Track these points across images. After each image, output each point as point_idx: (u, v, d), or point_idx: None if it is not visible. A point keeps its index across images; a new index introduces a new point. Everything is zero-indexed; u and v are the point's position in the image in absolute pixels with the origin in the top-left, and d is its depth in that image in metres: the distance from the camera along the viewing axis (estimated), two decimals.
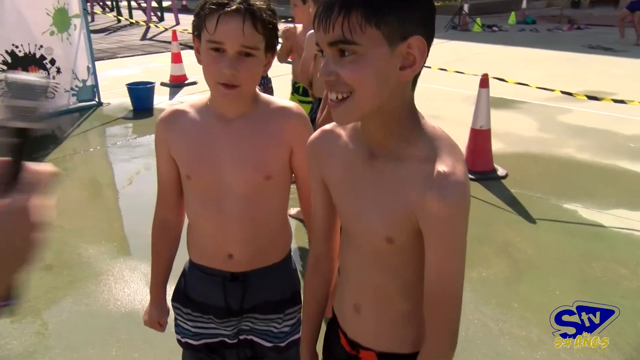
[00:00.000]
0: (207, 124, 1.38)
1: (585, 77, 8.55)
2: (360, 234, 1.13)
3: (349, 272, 1.21)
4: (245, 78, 1.27)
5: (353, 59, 0.93)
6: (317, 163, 1.19)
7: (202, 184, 1.41)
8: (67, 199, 4.31)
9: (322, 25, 0.93)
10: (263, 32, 1.25)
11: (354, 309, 1.19)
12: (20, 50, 6.25)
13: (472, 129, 4.66)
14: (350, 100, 0.96)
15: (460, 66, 8.17)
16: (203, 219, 1.45)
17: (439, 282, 1.01)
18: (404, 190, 1.01)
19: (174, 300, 1.57)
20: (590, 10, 19.01)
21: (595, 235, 3.62)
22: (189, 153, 1.39)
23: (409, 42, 0.93)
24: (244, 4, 1.22)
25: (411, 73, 0.96)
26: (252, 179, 1.38)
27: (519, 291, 3.01)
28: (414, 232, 1.03)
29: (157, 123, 1.44)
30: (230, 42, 1.23)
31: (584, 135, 5.72)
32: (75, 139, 5.91)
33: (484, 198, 4.18)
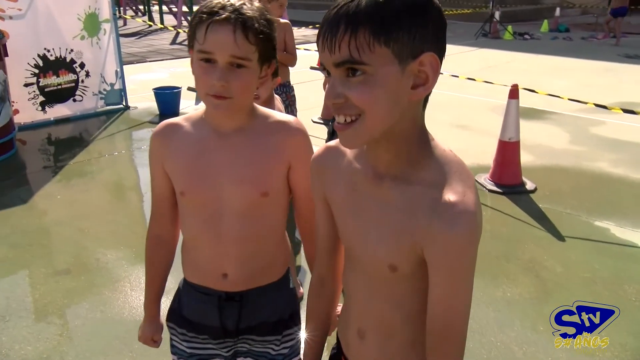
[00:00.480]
0: (202, 138, 1.32)
1: (622, 87, 8.28)
2: (363, 258, 1.08)
3: (353, 296, 1.16)
4: (237, 90, 1.21)
5: (362, 79, 0.87)
6: (320, 181, 1.14)
7: (196, 201, 1.35)
8: (90, 202, 4.34)
9: (327, 45, 0.87)
10: (255, 42, 1.20)
11: (358, 334, 1.15)
12: (52, 54, 6.37)
13: (500, 141, 4.52)
14: (359, 122, 0.90)
15: (490, 74, 8.01)
16: (198, 236, 1.39)
17: (445, 317, 0.96)
18: (410, 216, 0.95)
19: (169, 320, 1.52)
20: (628, 18, 18.48)
21: (628, 255, 3.45)
22: (183, 169, 1.34)
23: (421, 59, 0.87)
24: (235, 13, 1.17)
25: (424, 92, 0.90)
26: (248, 195, 1.32)
27: (545, 313, 2.86)
28: (419, 261, 0.97)
29: (152, 137, 1.40)
30: (220, 52, 1.18)
31: (619, 148, 5.51)
32: (102, 142, 5.97)
33: (511, 213, 4.04)
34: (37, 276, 3.24)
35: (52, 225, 3.95)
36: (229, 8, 1.17)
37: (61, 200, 4.39)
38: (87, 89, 6.78)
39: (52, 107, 6.50)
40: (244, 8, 1.19)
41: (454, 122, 6.23)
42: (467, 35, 14.16)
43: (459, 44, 12.61)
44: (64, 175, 4.94)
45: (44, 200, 4.37)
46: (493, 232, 3.79)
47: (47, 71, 6.38)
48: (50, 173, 4.99)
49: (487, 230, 3.79)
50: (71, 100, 6.67)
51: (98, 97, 6.92)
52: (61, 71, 6.51)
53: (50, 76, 6.42)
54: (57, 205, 4.28)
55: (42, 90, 6.38)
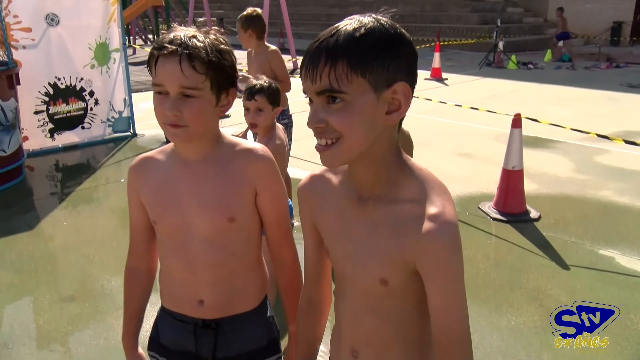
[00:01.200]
0: (170, 168, 1.38)
1: (625, 116, 8.32)
2: (354, 278, 1.13)
3: (344, 318, 1.20)
4: (190, 118, 1.25)
5: (341, 106, 0.96)
6: (308, 208, 1.20)
7: (167, 229, 1.40)
8: (95, 229, 4.37)
9: (309, 75, 0.96)
10: (204, 71, 1.23)
11: (352, 354, 1.18)
12: (62, 82, 6.51)
13: (504, 169, 4.54)
14: (338, 145, 0.98)
15: (494, 103, 8.09)
16: (171, 264, 1.43)
17: (448, 323, 1.01)
18: (398, 232, 1.02)
19: (149, 349, 1.53)
20: (630, 48, 18.67)
21: (634, 284, 3.42)
22: (154, 198, 1.39)
23: (394, 88, 0.96)
24: (181, 46, 1.22)
25: (397, 117, 0.99)
26: (214, 221, 1.35)
27: (550, 342, 2.84)
28: (409, 274, 1.03)
29: (128, 171, 1.45)
30: (169, 83, 1.23)
31: (623, 177, 5.51)
32: (109, 168, 6.04)
33: (515, 241, 4.04)
34: (41, 302, 3.26)
35: (58, 251, 3.98)
36: (177, 42, 1.23)
37: (67, 227, 4.42)
38: (96, 116, 6.90)
39: (60, 134, 6.61)
40: (192, 40, 1.23)
41: (457, 150, 6.27)
42: (472, 65, 14.32)
43: (464, 73, 12.77)
44: (71, 201, 4.99)
45: (51, 226, 4.41)
46: (497, 260, 3.78)
47: (57, 99, 6.50)
48: (58, 199, 5.04)
49: (491, 259, 3.78)
50: (80, 128, 6.78)
51: (106, 124, 7.04)
52: (71, 99, 6.64)
53: (60, 104, 6.54)
54: (63, 232, 4.32)
55: (51, 118, 6.50)
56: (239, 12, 16.72)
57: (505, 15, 20.86)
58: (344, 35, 0.93)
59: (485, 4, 22.07)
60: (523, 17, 21.93)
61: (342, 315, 1.20)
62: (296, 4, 25.82)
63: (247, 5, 22.22)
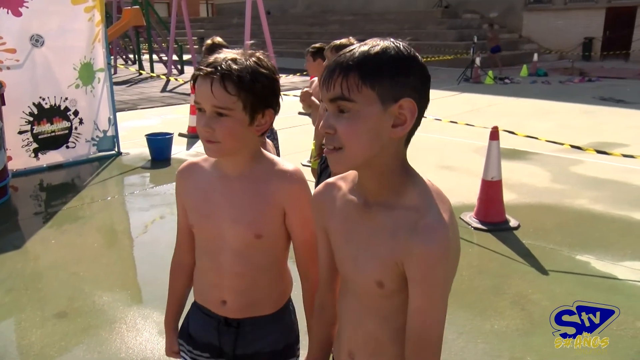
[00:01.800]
0: (211, 180, 1.48)
1: (599, 128, 8.60)
2: (354, 279, 1.20)
3: (345, 319, 1.27)
4: (222, 135, 1.34)
5: (349, 115, 1.04)
6: (320, 214, 1.28)
7: (202, 235, 1.52)
8: (83, 246, 4.39)
9: (325, 85, 1.06)
10: (236, 93, 1.31)
11: (349, 356, 1.25)
12: (47, 102, 6.53)
13: (484, 180, 4.70)
14: (341, 152, 1.07)
15: (473, 117, 8.30)
16: (204, 264, 1.55)
17: (422, 327, 1.07)
18: (393, 237, 1.09)
19: (179, 337, 1.68)
20: (601, 63, 19.27)
21: (609, 287, 3.57)
22: (193, 205, 1.51)
23: (401, 103, 1.04)
24: (216, 68, 1.30)
25: (402, 131, 1.06)
26: (243, 235, 1.45)
27: (532, 344, 2.96)
28: (402, 277, 1.10)
29: (177, 175, 1.58)
30: (204, 102, 1.33)
31: (598, 186, 5.72)
32: (94, 187, 6.06)
33: (497, 249, 4.17)
34: (33, 320, 3.27)
35: (47, 269, 3.99)
36: (213, 64, 1.31)
37: (56, 245, 4.44)
38: (80, 135, 6.92)
39: (45, 153, 6.61)
40: (229, 63, 1.31)
41: (439, 163, 6.43)
42: (450, 80, 14.65)
43: (442, 88, 13.04)
44: (58, 220, 5.01)
45: (39, 245, 4.42)
46: (480, 268, 3.90)
47: (41, 119, 6.52)
48: (45, 218, 5.05)
49: (474, 266, 3.90)
50: (64, 147, 6.78)
51: (91, 143, 7.05)
52: (55, 119, 6.66)
53: (45, 124, 6.56)
54: (52, 250, 4.33)
55: (35, 138, 6.50)
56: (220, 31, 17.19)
57: (482, 31, 21.34)
58: (359, 52, 1.03)
59: (461, 21, 22.62)
60: (498, 34, 22.48)
61: (343, 316, 1.28)
62: (277, 23, 26.13)
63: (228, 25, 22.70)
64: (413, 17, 22.73)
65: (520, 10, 22.43)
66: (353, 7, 26.99)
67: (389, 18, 23.66)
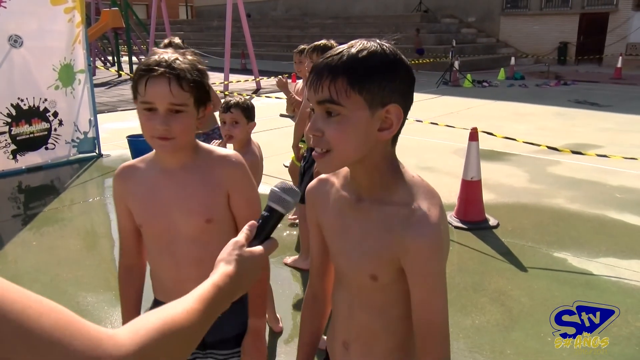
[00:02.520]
0: (153, 176, 1.53)
1: (574, 130, 8.82)
2: (348, 272, 1.24)
3: (339, 310, 1.31)
4: (178, 131, 1.41)
5: (338, 119, 1.06)
6: (313, 209, 1.32)
7: (153, 231, 1.55)
8: (65, 249, 4.36)
9: (313, 86, 1.07)
10: (189, 89, 1.39)
11: (343, 346, 1.29)
12: (25, 103, 6.46)
13: (464, 180, 4.80)
14: (329, 155, 1.09)
15: (452, 120, 8.43)
16: (159, 262, 1.59)
17: (427, 317, 1.11)
18: (386, 231, 1.12)
19: None
20: (576, 67, 19.72)
21: (585, 283, 3.69)
22: (139, 204, 1.54)
23: (388, 108, 1.06)
24: (169, 68, 1.36)
25: (388, 135, 1.09)
26: (195, 222, 1.51)
27: (512, 338, 3.05)
28: (397, 271, 1.14)
29: (113, 179, 1.60)
30: (159, 101, 1.38)
31: (574, 186, 5.87)
32: (75, 189, 6.01)
33: (477, 247, 4.27)
34: None
35: (29, 271, 3.96)
36: (164, 64, 1.37)
37: (37, 247, 4.40)
38: (60, 137, 6.85)
39: (23, 155, 6.53)
40: (177, 62, 1.38)
41: (419, 164, 6.53)
42: (429, 84, 14.84)
43: (422, 92, 13.20)
44: (38, 222, 4.96)
45: (20, 248, 4.38)
46: (460, 265, 3.99)
47: (19, 120, 6.44)
48: (25, 221, 5.00)
49: (454, 264, 3.99)
50: (43, 149, 6.71)
51: (71, 145, 6.99)
52: (34, 120, 6.58)
53: (23, 125, 6.48)
54: (33, 253, 4.29)
55: (13, 139, 6.42)
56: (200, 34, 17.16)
57: (460, 36, 21.73)
58: (347, 55, 1.04)
59: (440, 26, 22.92)
60: (477, 38, 22.87)
61: (337, 308, 1.31)
62: (257, 26, 26.14)
63: (208, 28, 22.59)
64: (392, 21, 22.95)
65: (497, 15, 22.83)
66: (333, 10, 27.14)
67: (369, 22, 23.85)
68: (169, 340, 0.76)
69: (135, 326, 0.74)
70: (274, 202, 1.05)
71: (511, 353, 2.90)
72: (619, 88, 14.33)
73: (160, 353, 0.74)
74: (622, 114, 10.25)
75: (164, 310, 0.80)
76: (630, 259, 4.05)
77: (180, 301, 0.85)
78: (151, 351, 0.72)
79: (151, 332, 0.74)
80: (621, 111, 10.56)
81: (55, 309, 0.64)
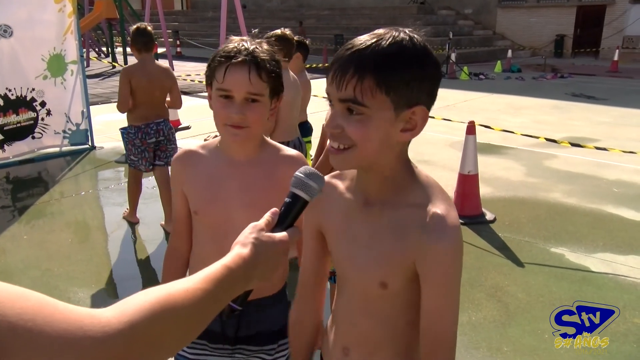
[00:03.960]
0: (217, 165, 1.50)
1: (570, 124, 8.79)
2: (353, 279, 1.16)
3: (340, 317, 1.24)
4: (253, 120, 1.40)
5: (360, 118, 0.98)
6: (314, 212, 1.21)
7: (209, 220, 1.52)
8: (57, 243, 4.30)
9: (336, 82, 0.98)
10: (267, 80, 1.38)
11: (343, 352, 1.22)
12: (13, 93, 6.34)
13: (460, 174, 4.75)
14: (350, 152, 1.01)
15: (448, 113, 8.38)
16: (207, 251, 1.54)
17: (438, 328, 1.04)
18: (401, 235, 1.05)
19: None
20: (572, 60, 19.68)
21: (582, 278, 3.66)
22: (198, 191, 1.51)
23: (414, 110, 0.99)
24: (249, 56, 1.35)
25: (410, 136, 1.03)
26: (253, 215, 1.43)
27: (508, 334, 3.01)
28: (408, 277, 1.06)
29: (172, 162, 1.58)
30: (237, 89, 1.37)
31: (571, 180, 5.84)
32: (66, 182, 5.93)
33: (473, 242, 4.23)
34: None
35: (19, 266, 3.89)
36: (244, 52, 1.36)
37: (27, 241, 4.33)
38: (48, 127, 6.72)
39: (10, 145, 6.42)
40: (257, 51, 1.37)
41: (416, 157, 6.42)
42: None
43: None
44: (30, 215, 4.89)
45: (10, 242, 4.30)
46: None
47: (7, 110, 6.32)
48: (15, 214, 4.92)
49: None
50: (30, 138, 6.58)
51: (61, 136, 6.88)
52: (21, 109, 6.46)
53: (10, 115, 6.36)
54: (23, 246, 4.22)
55: (1, 129, 6.31)
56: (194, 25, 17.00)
57: (457, 28, 21.63)
58: (375, 51, 0.95)
59: (437, 17, 22.80)
60: (473, 30, 22.79)
61: (338, 314, 1.24)
62: (253, 17, 25.93)
63: (203, 19, 22.35)
64: (389, 12, 22.81)
65: (494, 7, 22.73)
66: (329, 1, 26.94)
67: (365, 13, 23.71)
68: (164, 319, 0.70)
69: (125, 304, 0.67)
70: (297, 187, 0.99)
71: (508, 350, 2.87)
72: (616, 81, 14.31)
73: (153, 333, 0.68)
74: (618, 108, 10.23)
75: (161, 289, 0.74)
76: (627, 254, 4.02)
77: (183, 280, 0.79)
78: (142, 331, 0.66)
79: (143, 311, 0.67)
80: (617, 104, 10.54)
81: (23, 296, 0.58)
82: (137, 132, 4.34)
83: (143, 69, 4.24)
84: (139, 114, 4.31)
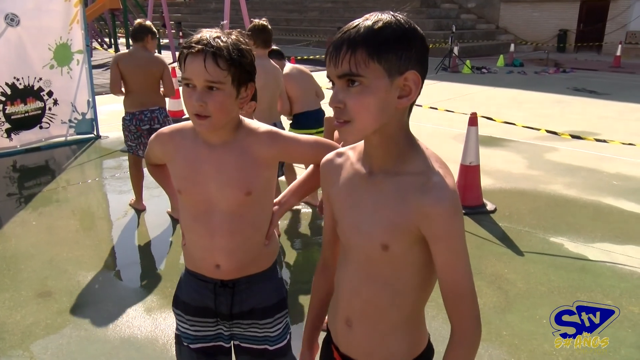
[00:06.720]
0: (195, 148, 1.55)
1: (571, 118, 8.83)
2: (357, 245, 1.25)
3: (342, 286, 1.31)
4: (214, 109, 1.43)
5: (359, 89, 1.09)
6: (325, 180, 1.35)
7: (191, 200, 1.58)
8: (64, 229, 4.37)
9: (332, 61, 1.10)
10: (227, 67, 1.40)
11: (346, 323, 1.29)
12: (21, 82, 6.41)
13: (462, 165, 4.82)
14: (350, 125, 1.12)
15: (450, 106, 8.43)
16: (193, 230, 1.61)
17: (454, 278, 1.14)
18: (402, 200, 1.14)
19: (174, 306, 1.73)
20: (575, 55, 19.67)
21: (580, 267, 3.73)
22: (180, 171, 1.57)
23: (406, 75, 1.10)
24: (206, 45, 1.39)
25: (407, 102, 1.13)
26: (233, 196, 1.54)
27: (508, 320, 3.09)
28: (412, 241, 1.16)
29: (152, 138, 1.65)
30: (196, 78, 1.41)
31: (571, 173, 5.90)
32: (72, 170, 6.00)
33: (474, 232, 4.30)
34: (18, 299, 3.27)
35: (29, 250, 3.97)
36: (203, 42, 1.40)
37: (36, 227, 4.41)
38: (55, 116, 6.80)
39: (17, 134, 6.49)
40: (216, 40, 1.40)
41: None
42: (428, 70, 14.75)
43: None
44: (37, 202, 4.96)
45: (20, 227, 4.38)
46: None
47: (15, 99, 6.39)
48: (23, 201, 5.00)
49: None
50: (37, 127, 6.66)
51: (67, 125, 6.95)
52: (29, 99, 6.54)
53: (18, 104, 6.43)
54: (32, 232, 4.30)
55: (8, 118, 6.38)
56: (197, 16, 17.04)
57: (460, 21, 21.60)
58: (364, 28, 1.07)
59: (440, 11, 22.77)
60: (476, 24, 22.74)
61: (341, 284, 1.32)
62: (255, 9, 25.86)
63: (205, 10, 22.36)
64: (392, 5, 22.67)
65: (497, 1, 22.67)
66: None
67: (368, 6, 23.63)
68: None
69: None
70: None
71: (507, 334, 2.95)
72: (618, 76, 14.32)
73: None
74: (620, 102, 10.26)
75: None
76: (625, 244, 4.09)
77: None
78: None
79: None
80: (619, 99, 10.58)
81: None
82: (132, 118, 4.48)
83: (131, 55, 4.52)
84: (133, 101, 4.50)
